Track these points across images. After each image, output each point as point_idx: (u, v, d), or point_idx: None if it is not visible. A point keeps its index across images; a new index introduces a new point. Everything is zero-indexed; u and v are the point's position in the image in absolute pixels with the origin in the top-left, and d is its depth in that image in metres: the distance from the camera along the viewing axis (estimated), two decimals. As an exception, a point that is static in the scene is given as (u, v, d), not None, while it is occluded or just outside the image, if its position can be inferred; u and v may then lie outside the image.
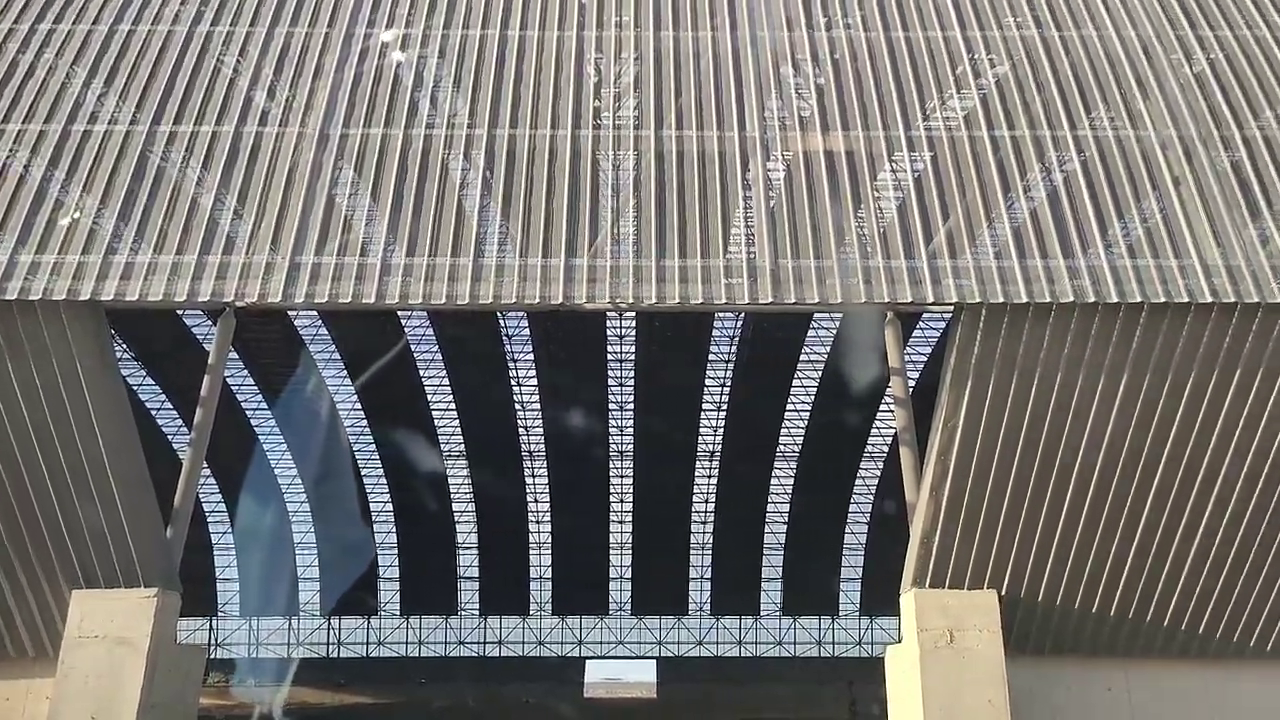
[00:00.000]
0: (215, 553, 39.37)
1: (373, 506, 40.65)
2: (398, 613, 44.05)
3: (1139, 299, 9.76)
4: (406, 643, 44.51)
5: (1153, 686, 10.95)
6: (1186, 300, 9.74)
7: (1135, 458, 10.13)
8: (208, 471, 34.48)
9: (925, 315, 23.50)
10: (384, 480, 39.67)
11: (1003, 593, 10.49)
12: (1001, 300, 9.83)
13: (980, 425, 10.07)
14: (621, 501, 41.97)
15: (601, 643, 46.56)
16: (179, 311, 19.66)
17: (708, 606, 46.08)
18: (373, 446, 37.79)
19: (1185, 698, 10.88)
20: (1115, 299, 9.77)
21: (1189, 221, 10.38)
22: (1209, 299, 9.72)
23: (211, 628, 41.79)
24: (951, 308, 10.05)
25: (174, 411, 30.52)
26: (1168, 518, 10.32)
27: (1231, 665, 10.91)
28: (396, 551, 42.22)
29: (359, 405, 35.03)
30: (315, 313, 26.60)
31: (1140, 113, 11.21)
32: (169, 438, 30.04)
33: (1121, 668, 11.02)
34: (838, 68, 11.88)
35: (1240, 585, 10.54)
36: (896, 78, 11.63)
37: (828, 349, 34.70)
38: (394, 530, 41.50)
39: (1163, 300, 9.75)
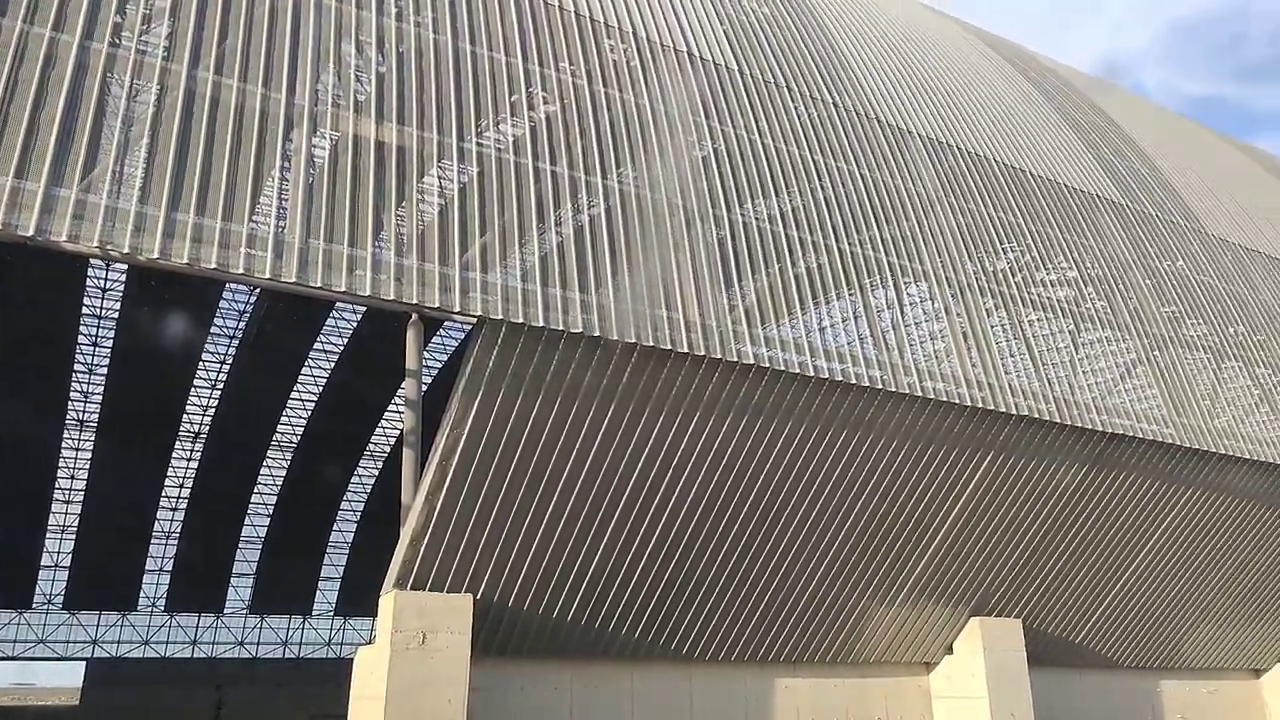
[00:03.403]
0: None
1: None
2: None
3: (633, 340, 10.99)
4: None
5: (590, 686, 12.32)
6: (669, 348, 11.21)
7: (609, 481, 11.36)
8: None
9: (447, 324, 24.03)
10: None
11: (477, 597, 11.02)
12: (521, 321, 10.40)
13: (483, 436, 10.51)
14: (73, 479, 36.29)
15: (17, 641, 39.58)
16: None
17: (163, 601, 41.65)
18: None
19: (615, 695, 12.41)
20: (616, 336, 10.90)
21: (680, 281, 11.96)
22: (686, 349, 11.30)
23: None
24: (475, 320, 10.37)
25: None
26: (625, 536, 11.74)
27: (652, 666, 12.73)
28: None
29: None
30: None
31: (658, 178, 12.72)
32: None
33: (568, 669, 12.22)
34: (402, 60, 11.69)
35: (658, 596, 12.36)
36: (457, 87, 11.78)
37: (345, 341, 33.79)
38: None
39: (651, 344, 11.10)
